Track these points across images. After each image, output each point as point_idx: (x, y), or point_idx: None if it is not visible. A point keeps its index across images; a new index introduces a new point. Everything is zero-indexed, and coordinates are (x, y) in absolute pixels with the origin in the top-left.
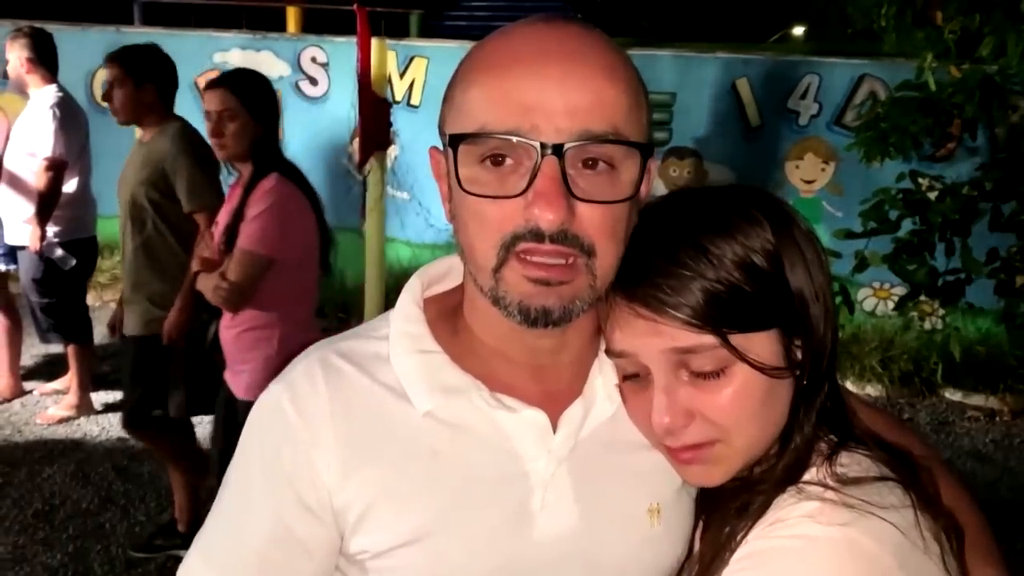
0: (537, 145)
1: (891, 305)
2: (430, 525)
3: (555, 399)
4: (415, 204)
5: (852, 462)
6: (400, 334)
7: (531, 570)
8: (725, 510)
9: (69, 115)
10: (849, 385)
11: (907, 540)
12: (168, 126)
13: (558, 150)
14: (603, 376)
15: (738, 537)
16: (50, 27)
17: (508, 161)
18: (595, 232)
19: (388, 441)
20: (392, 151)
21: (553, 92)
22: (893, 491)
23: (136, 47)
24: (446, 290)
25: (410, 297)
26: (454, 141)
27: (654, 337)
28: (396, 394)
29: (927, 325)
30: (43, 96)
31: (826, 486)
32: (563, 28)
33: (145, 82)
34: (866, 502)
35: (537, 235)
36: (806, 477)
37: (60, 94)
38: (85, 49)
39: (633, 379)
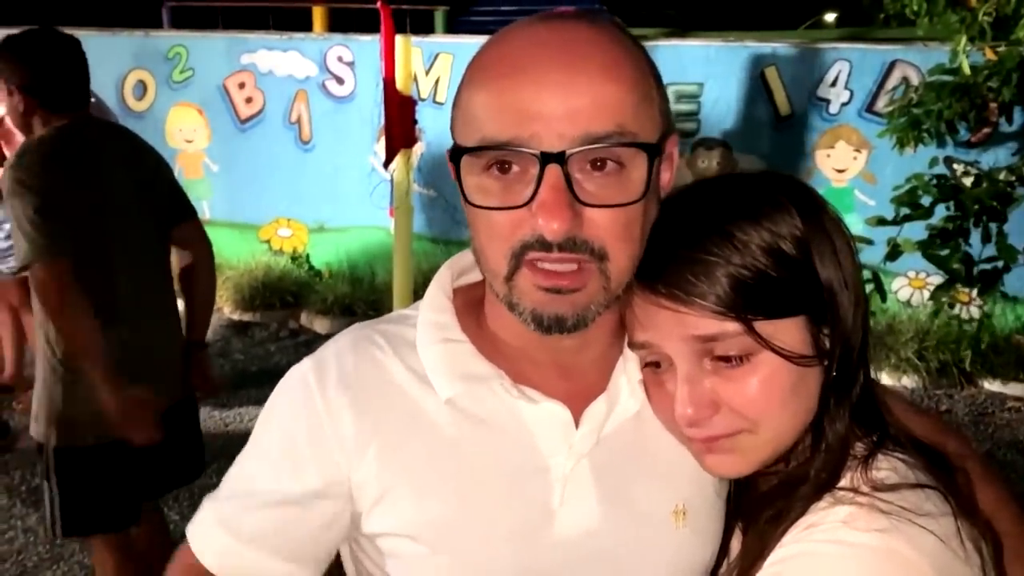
0: (538, 154)
1: (927, 295)
2: (449, 514)
3: (579, 396)
4: (441, 201)
5: (889, 467)
6: (427, 323)
7: (551, 568)
8: (761, 516)
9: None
10: (884, 377)
11: (947, 549)
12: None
13: (559, 158)
14: (627, 374)
15: (773, 543)
16: (79, 32)
17: (514, 168)
18: (605, 236)
19: (410, 425)
20: (418, 148)
21: (552, 97)
22: (931, 498)
23: (10, 38)
24: (474, 282)
25: (439, 286)
26: (456, 155)
27: (677, 326)
28: (421, 380)
29: (964, 314)
30: None
31: (861, 491)
32: (562, 28)
33: (11, 88)
34: (904, 509)
35: (544, 244)
36: (842, 483)
37: (92, 99)
38: (115, 54)
39: (655, 367)
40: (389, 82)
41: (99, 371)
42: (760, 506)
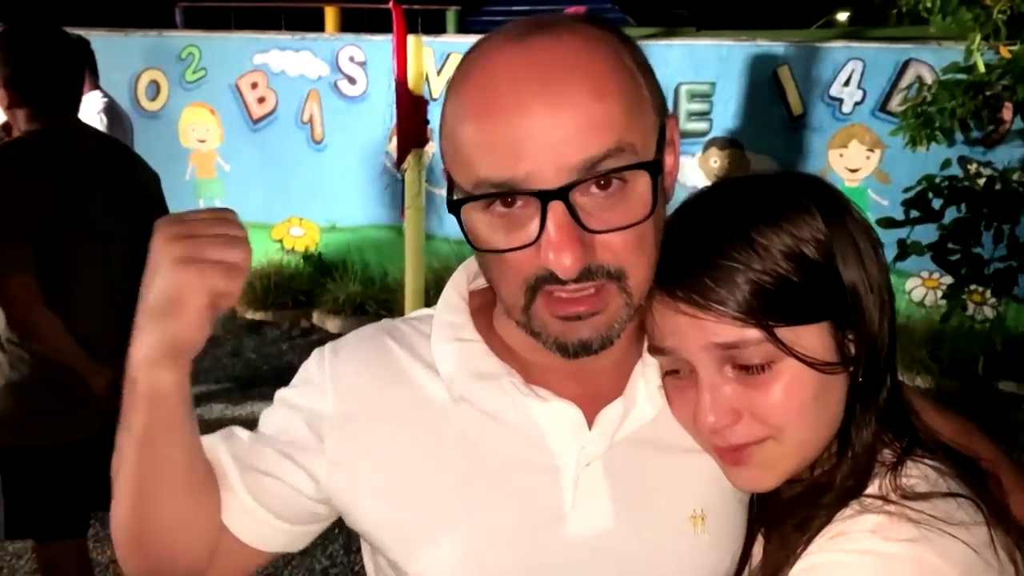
0: (537, 195)
1: (940, 295)
2: (452, 503)
3: (594, 399)
4: None
5: (919, 475)
6: (441, 323)
7: (562, 569)
8: (784, 524)
9: (115, 120)
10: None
11: (980, 560)
12: None
13: (560, 194)
14: (645, 378)
15: (798, 552)
16: (92, 33)
17: (519, 202)
18: (621, 256)
19: (418, 412)
20: (429, 148)
21: (540, 132)
22: (963, 507)
23: (4, 30)
24: (487, 285)
25: (454, 288)
26: (455, 206)
27: (697, 332)
28: (432, 373)
29: (978, 315)
30: (89, 102)
31: (890, 500)
32: (537, 47)
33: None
34: (934, 518)
35: (559, 279)
36: (869, 490)
37: (105, 99)
38: (128, 54)
39: (675, 375)
40: (401, 82)
41: (81, 362)
42: (784, 513)
